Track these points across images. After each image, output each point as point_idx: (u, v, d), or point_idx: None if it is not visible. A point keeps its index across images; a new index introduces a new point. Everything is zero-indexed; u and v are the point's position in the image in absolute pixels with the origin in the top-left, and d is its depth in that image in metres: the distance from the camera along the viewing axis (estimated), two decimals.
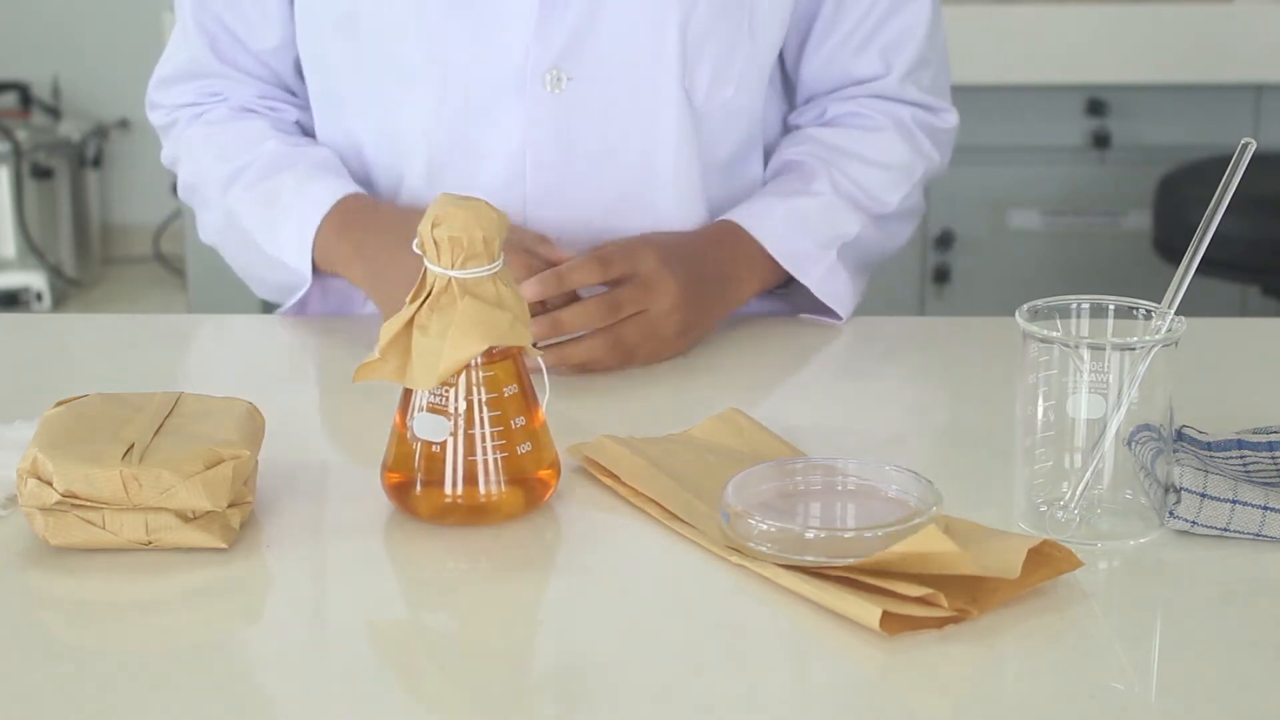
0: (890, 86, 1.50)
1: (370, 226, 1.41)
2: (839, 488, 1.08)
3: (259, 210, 1.46)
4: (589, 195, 1.43)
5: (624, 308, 1.32)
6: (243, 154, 1.48)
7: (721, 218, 1.45)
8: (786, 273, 1.44)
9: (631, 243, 1.36)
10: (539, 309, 1.30)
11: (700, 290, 1.37)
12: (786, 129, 1.55)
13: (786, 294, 1.51)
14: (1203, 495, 1.03)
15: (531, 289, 1.28)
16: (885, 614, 0.93)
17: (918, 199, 1.53)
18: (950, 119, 1.55)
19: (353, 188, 1.44)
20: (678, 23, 1.40)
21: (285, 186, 1.45)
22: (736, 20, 1.43)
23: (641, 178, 1.44)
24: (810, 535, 1.00)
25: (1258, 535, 1.03)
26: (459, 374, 1.05)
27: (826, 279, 1.45)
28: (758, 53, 1.46)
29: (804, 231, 1.44)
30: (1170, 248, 2.88)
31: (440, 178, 1.42)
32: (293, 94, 1.54)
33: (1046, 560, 0.98)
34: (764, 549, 1.00)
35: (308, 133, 1.53)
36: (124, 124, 4.58)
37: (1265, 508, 1.02)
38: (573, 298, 1.33)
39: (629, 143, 1.44)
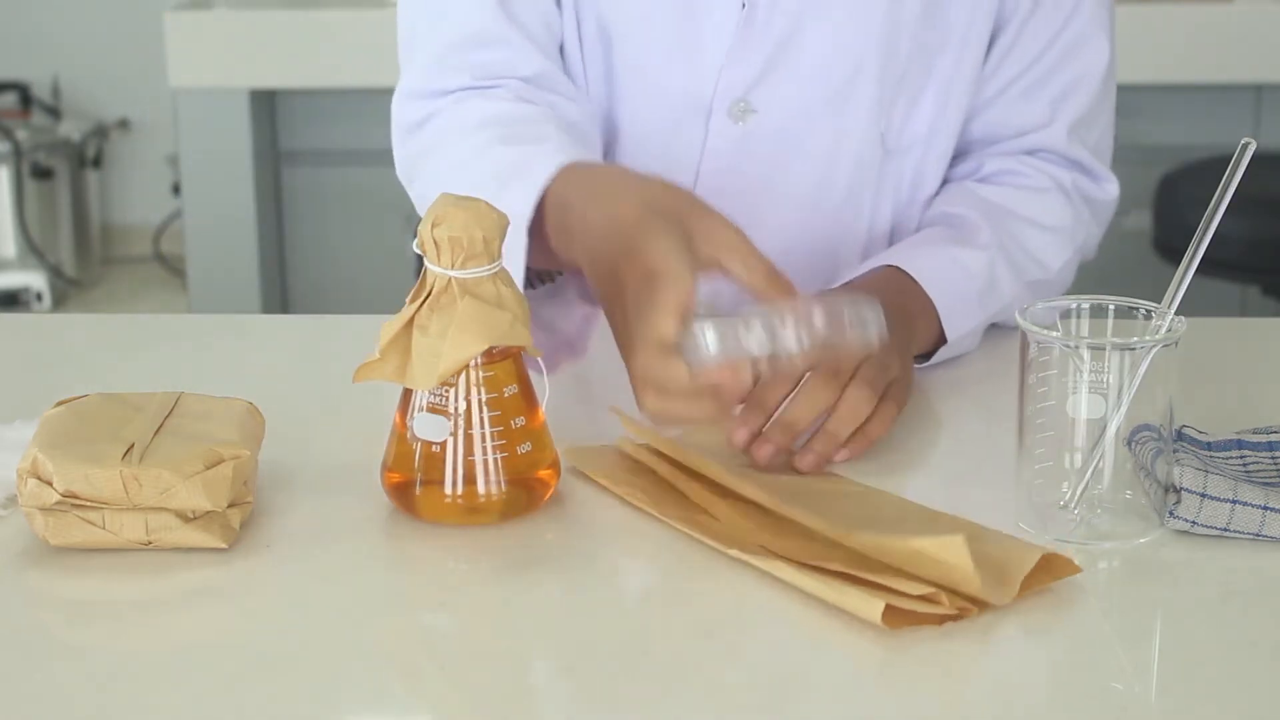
0: (1053, 139, 1.41)
1: (603, 178, 1.21)
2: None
3: (503, 165, 1.25)
4: (755, 228, 1.22)
5: (877, 385, 1.16)
6: (518, 127, 1.30)
7: (885, 263, 1.32)
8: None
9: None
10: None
11: (905, 349, 1.24)
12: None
13: None
14: (1203, 495, 1.03)
15: (763, 451, 1.13)
16: (887, 608, 0.93)
17: (1072, 271, 1.43)
18: (1112, 190, 1.45)
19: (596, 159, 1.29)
20: (877, 60, 1.35)
21: (548, 133, 1.28)
22: (930, 57, 1.37)
23: (816, 212, 1.38)
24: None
25: (1258, 535, 1.03)
26: (459, 374, 1.05)
27: (964, 340, 1.34)
28: (947, 87, 1.38)
29: (966, 286, 1.32)
30: (1170, 248, 2.88)
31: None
32: (564, 77, 1.39)
33: (1046, 566, 0.98)
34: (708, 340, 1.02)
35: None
36: (124, 124, 4.58)
37: (1265, 508, 1.02)
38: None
39: (806, 180, 1.38)
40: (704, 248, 1.09)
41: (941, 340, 1.32)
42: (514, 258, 1.18)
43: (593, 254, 1.14)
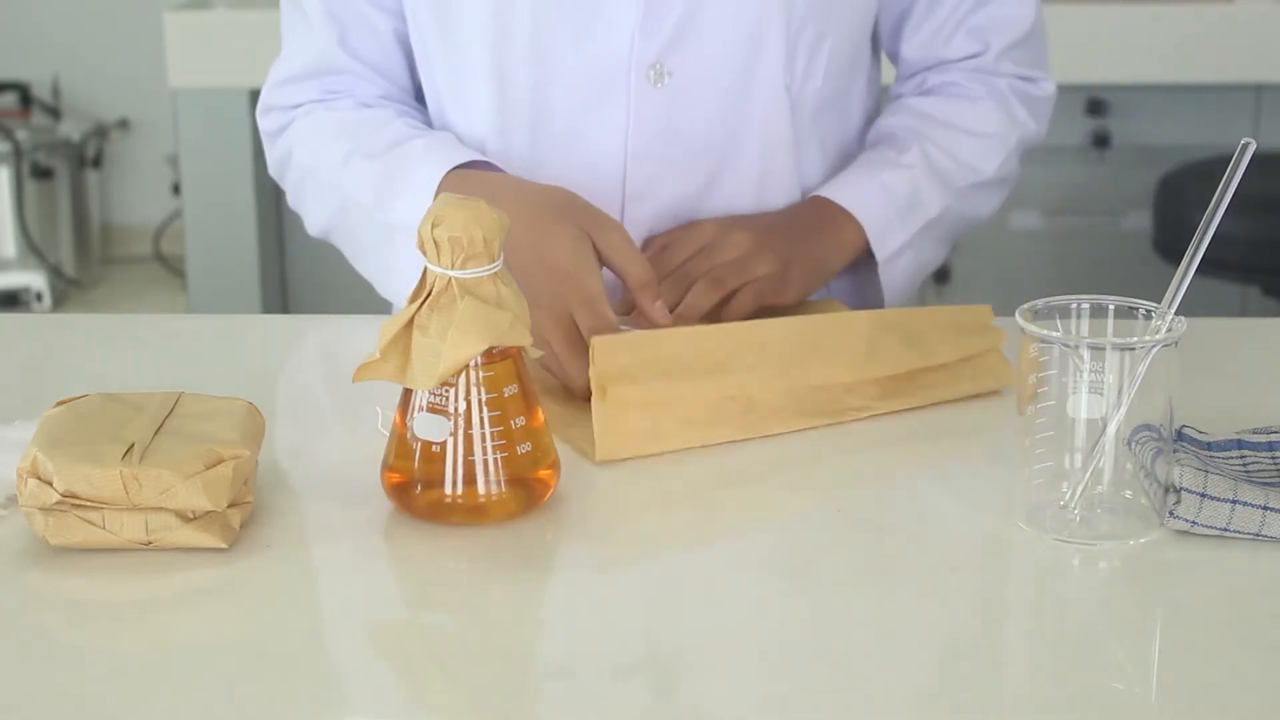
0: (987, 63, 1.53)
1: (493, 185, 1.37)
2: None
3: (378, 178, 1.41)
4: (687, 187, 1.45)
5: (727, 283, 1.35)
6: (367, 132, 1.45)
7: (814, 193, 1.48)
8: (867, 247, 1.46)
9: (722, 224, 1.40)
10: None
11: (794, 256, 1.40)
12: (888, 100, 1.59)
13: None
14: (1203, 495, 1.03)
15: (640, 269, 1.29)
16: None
17: (1013, 167, 1.55)
18: (1048, 87, 1.56)
19: (478, 156, 1.41)
20: (780, 17, 1.42)
21: (412, 151, 1.41)
22: (827, 13, 1.45)
23: (740, 168, 1.46)
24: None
25: (1258, 535, 1.03)
26: (459, 374, 1.05)
27: (891, 262, 1.47)
28: (842, 45, 1.48)
29: (890, 206, 1.46)
30: (1170, 248, 2.88)
31: (539, 173, 1.43)
32: (413, 97, 1.52)
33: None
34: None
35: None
36: (124, 124, 4.58)
37: (1265, 508, 1.02)
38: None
39: (728, 135, 1.45)
40: (600, 246, 1.28)
41: (863, 253, 1.46)
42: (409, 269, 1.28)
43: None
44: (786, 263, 1.39)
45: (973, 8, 1.52)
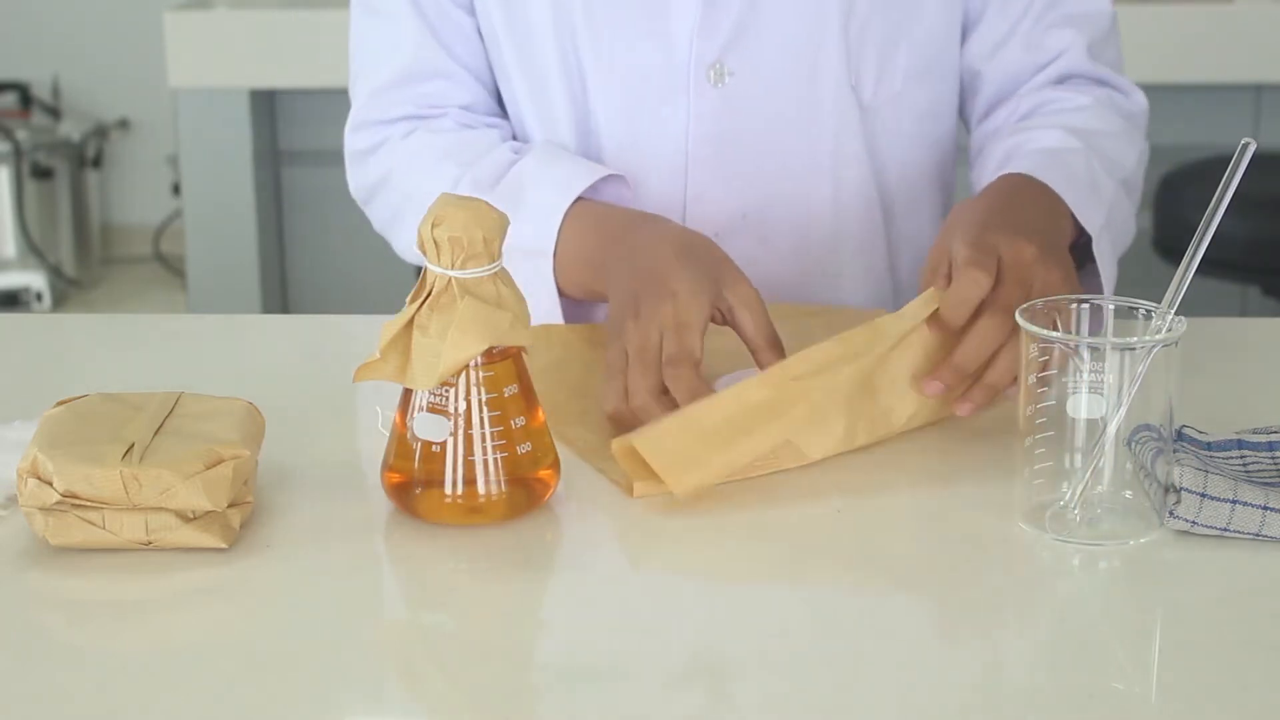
0: (1076, 60, 1.45)
1: (631, 221, 1.32)
2: None
3: (496, 198, 1.33)
4: (750, 188, 1.44)
5: (1014, 309, 1.14)
6: (477, 155, 1.41)
7: (1002, 174, 1.32)
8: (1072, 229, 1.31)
9: (996, 235, 1.19)
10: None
11: (1054, 247, 1.23)
12: (978, 145, 1.48)
13: None
14: (1203, 495, 1.03)
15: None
16: None
17: (1142, 173, 1.43)
18: (1140, 100, 1.48)
19: (601, 171, 1.37)
20: (839, 16, 1.40)
21: (527, 171, 1.37)
22: (900, 11, 1.42)
23: (810, 169, 1.44)
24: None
25: (1258, 535, 1.03)
26: (459, 374, 1.05)
27: (1101, 234, 1.33)
28: (921, 47, 1.45)
29: (1079, 178, 1.33)
30: (1170, 248, 2.88)
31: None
32: (499, 102, 1.50)
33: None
34: None
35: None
36: (124, 124, 4.58)
37: (1265, 508, 1.02)
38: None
39: (794, 135, 1.44)
40: (727, 296, 1.21)
41: (1077, 237, 1.31)
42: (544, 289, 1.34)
43: (623, 279, 1.26)
44: (1066, 271, 1.21)
45: (1046, 6, 1.44)
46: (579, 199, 1.35)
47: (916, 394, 1.18)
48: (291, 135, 3.30)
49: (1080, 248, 1.34)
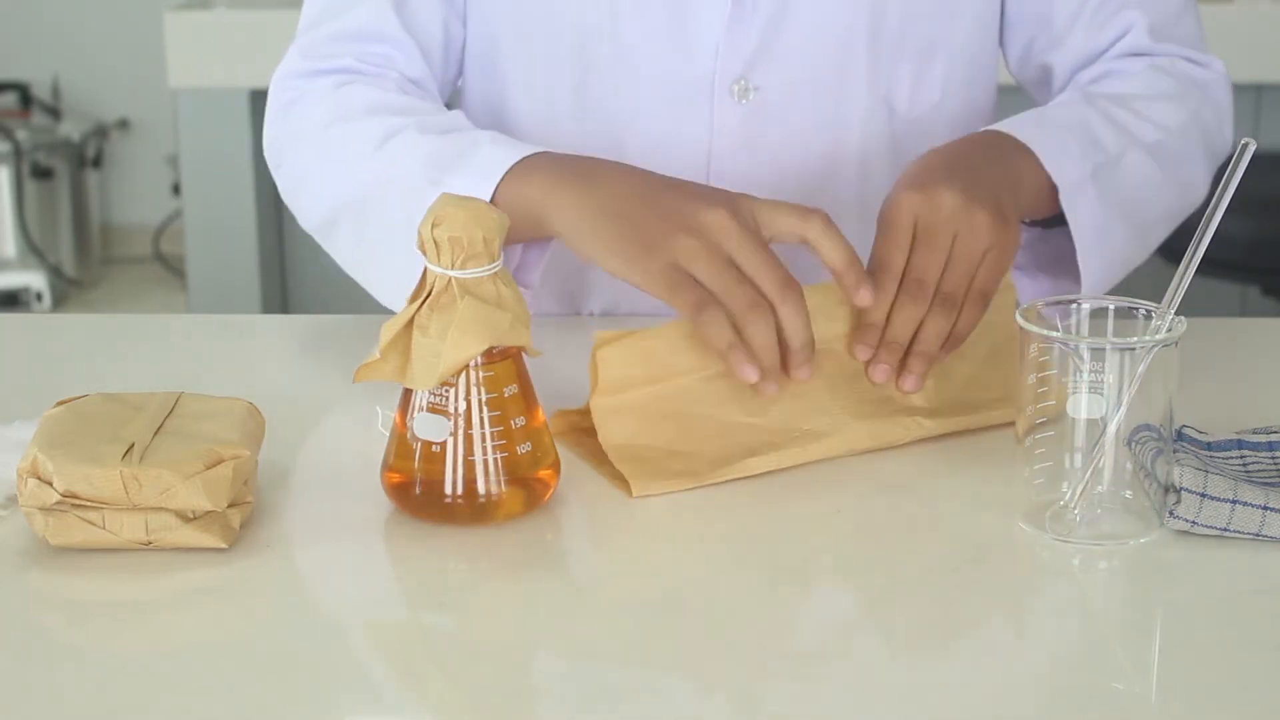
0: (1139, 40, 1.42)
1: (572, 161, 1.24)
2: None
3: (433, 150, 1.26)
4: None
5: (930, 273, 1.17)
6: (424, 112, 1.32)
7: (978, 131, 1.30)
8: (1049, 189, 1.28)
9: (912, 194, 1.18)
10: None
11: (987, 192, 1.20)
12: None
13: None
14: (1203, 495, 1.03)
15: (880, 374, 1.16)
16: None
17: (1195, 142, 1.38)
18: (1217, 66, 1.44)
19: (541, 149, 1.25)
20: (867, 28, 1.39)
21: (484, 136, 1.27)
22: (937, 20, 1.40)
23: (836, 184, 1.42)
24: None
25: (1258, 535, 1.03)
26: (459, 374, 1.05)
27: (1077, 192, 1.29)
28: (961, 55, 1.43)
29: (1060, 134, 1.30)
30: (1170, 248, 2.86)
31: None
32: (436, 93, 1.42)
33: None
34: None
35: None
36: (124, 124, 4.58)
37: (1265, 508, 1.02)
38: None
39: (821, 149, 1.42)
40: (760, 211, 1.14)
41: (1052, 190, 1.28)
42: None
43: (602, 200, 1.17)
44: (998, 214, 1.19)
45: None
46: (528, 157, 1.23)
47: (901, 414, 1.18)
48: None
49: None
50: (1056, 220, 1.32)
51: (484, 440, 1.05)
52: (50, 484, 1.01)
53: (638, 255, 1.13)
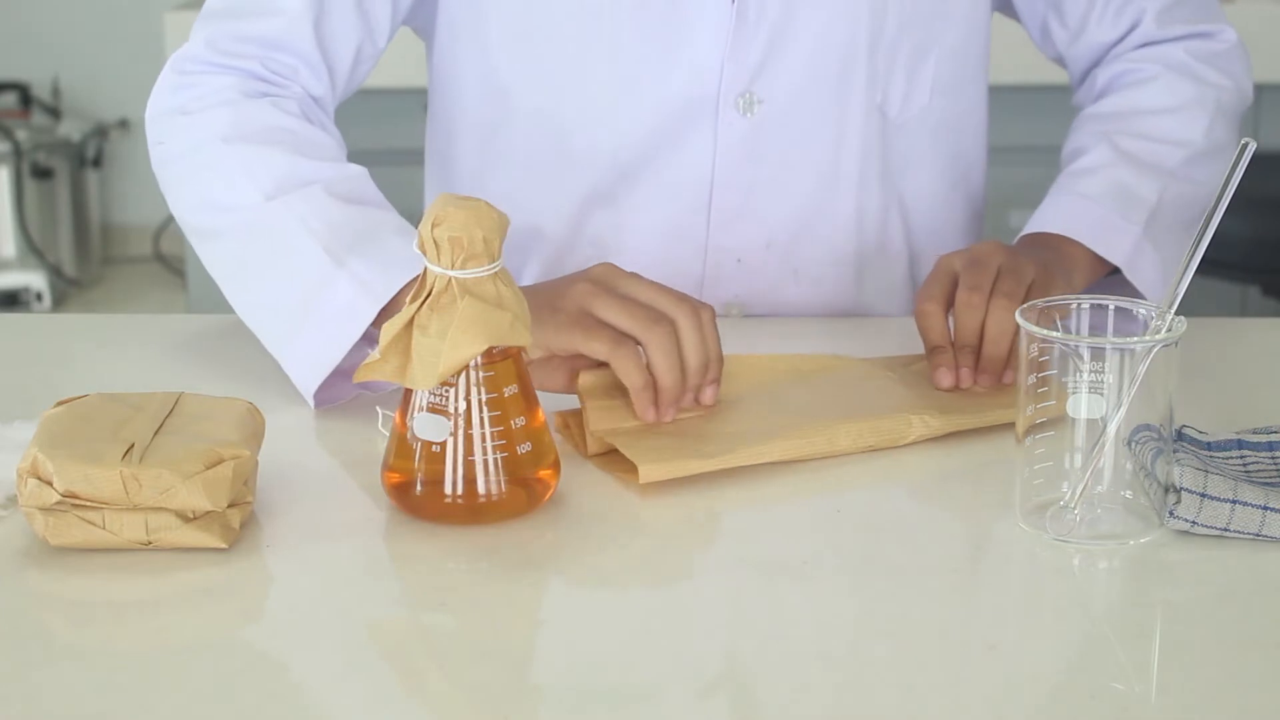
0: (1150, 30, 1.47)
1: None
2: None
3: (346, 216, 1.27)
4: (774, 211, 1.44)
5: (983, 288, 1.24)
6: (331, 157, 1.32)
7: (1022, 233, 1.39)
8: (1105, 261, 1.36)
9: (951, 255, 1.28)
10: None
11: (1044, 264, 1.29)
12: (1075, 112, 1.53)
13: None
14: (1203, 495, 1.03)
15: (947, 379, 1.23)
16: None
17: (1223, 133, 1.45)
18: (1228, 35, 1.49)
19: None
20: (867, 38, 1.40)
21: (390, 221, 1.28)
22: (928, 24, 1.42)
23: (827, 191, 1.44)
24: None
25: (1258, 535, 1.03)
26: (459, 374, 1.05)
27: (1135, 265, 1.36)
28: (951, 58, 1.45)
29: (1099, 210, 1.37)
30: None
31: (623, 201, 1.42)
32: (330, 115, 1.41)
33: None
34: None
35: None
36: (124, 124, 4.58)
37: (1265, 508, 1.02)
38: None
39: (821, 159, 1.44)
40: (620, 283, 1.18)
41: (1108, 267, 1.36)
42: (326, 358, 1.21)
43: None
44: (1050, 275, 1.28)
45: None
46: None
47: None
48: None
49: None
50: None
51: (484, 440, 1.05)
52: (50, 484, 1.01)
53: (547, 316, 1.16)
